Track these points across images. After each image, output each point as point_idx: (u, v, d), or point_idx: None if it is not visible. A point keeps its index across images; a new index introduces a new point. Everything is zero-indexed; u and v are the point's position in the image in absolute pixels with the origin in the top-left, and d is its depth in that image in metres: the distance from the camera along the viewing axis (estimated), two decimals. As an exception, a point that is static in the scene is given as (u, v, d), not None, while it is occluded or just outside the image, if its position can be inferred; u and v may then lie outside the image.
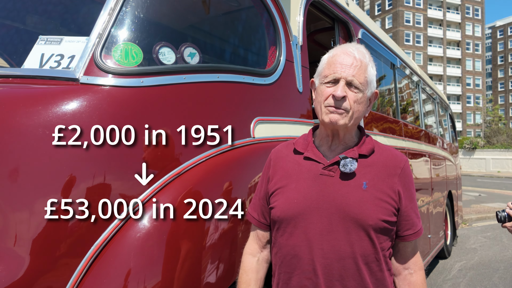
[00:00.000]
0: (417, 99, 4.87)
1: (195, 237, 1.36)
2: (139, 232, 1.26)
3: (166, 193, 1.36)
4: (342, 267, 1.11)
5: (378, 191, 1.15)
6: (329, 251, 1.12)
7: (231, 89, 1.71)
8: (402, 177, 1.20)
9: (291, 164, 1.24)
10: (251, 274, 1.28)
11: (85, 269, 1.20)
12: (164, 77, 1.45)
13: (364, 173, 1.17)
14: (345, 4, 2.76)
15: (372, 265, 1.14)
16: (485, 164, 26.06)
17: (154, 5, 1.64)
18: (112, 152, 1.28)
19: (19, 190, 1.17)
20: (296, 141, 1.29)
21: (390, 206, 1.15)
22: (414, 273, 1.23)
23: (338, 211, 1.13)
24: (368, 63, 1.18)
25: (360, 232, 1.12)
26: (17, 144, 1.18)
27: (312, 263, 1.13)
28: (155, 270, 1.24)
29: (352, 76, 1.14)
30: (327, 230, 1.13)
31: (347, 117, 1.15)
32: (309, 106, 2.24)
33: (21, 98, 1.26)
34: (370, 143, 1.23)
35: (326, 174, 1.17)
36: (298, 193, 1.17)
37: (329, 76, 1.16)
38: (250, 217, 1.34)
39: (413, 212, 1.21)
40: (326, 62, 1.20)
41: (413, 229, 1.21)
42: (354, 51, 1.17)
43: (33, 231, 1.16)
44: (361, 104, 1.17)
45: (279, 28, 2.05)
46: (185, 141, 1.47)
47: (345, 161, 1.15)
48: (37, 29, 1.82)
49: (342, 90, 1.13)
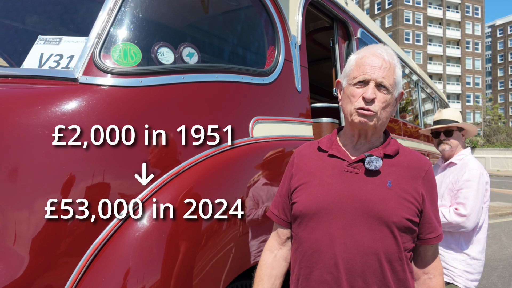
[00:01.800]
0: (417, 98, 4.87)
1: (194, 236, 1.37)
2: (138, 231, 1.27)
3: (165, 192, 1.37)
4: (365, 262, 1.11)
5: (402, 190, 1.15)
6: (352, 246, 1.12)
7: (229, 89, 1.71)
8: (426, 180, 1.20)
9: (315, 162, 1.25)
10: (265, 269, 1.28)
11: (84, 268, 1.21)
12: (163, 77, 1.45)
13: (389, 172, 1.17)
14: (344, 3, 2.77)
15: (395, 264, 1.13)
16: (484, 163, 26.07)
17: (153, 5, 1.65)
18: (111, 151, 1.29)
19: (18, 190, 1.17)
20: (320, 140, 1.30)
21: (413, 206, 1.14)
22: (433, 277, 1.22)
23: (361, 207, 1.13)
24: (396, 64, 1.19)
25: (384, 229, 1.11)
26: (16, 144, 1.19)
27: (334, 258, 1.13)
28: (154, 269, 1.25)
29: (382, 77, 1.15)
30: (350, 225, 1.13)
31: (376, 118, 1.16)
32: (308, 106, 2.25)
33: (20, 98, 1.26)
34: (395, 144, 1.24)
35: (350, 171, 1.18)
36: (322, 188, 1.18)
37: (358, 77, 1.17)
38: (271, 214, 1.35)
39: (434, 216, 1.21)
40: (355, 64, 1.20)
41: (435, 233, 1.20)
42: (383, 52, 1.18)
43: (32, 230, 1.16)
44: (389, 105, 1.18)
45: (277, 28, 2.05)
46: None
47: (371, 158, 1.16)
48: (36, 29, 1.83)
49: (372, 92, 1.14)
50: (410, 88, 4.65)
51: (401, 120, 3.81)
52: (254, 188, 1.67)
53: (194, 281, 1.34)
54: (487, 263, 5.25)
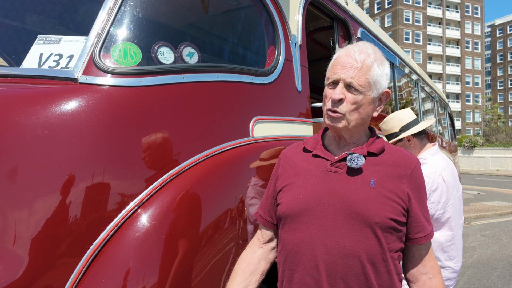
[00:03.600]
0: (416, 98, 4.87)
1: (194, 236, 1.37)
2: (138, 232, 1.27)
3: (165, 192, 1.36)
4: (346, 265, 1.09)
5: (386, 189, 1.12)
6: (332, 247, 1.09)
7: (230, 89, 1.71)
8: (412, 178, 1.16)
9: (300, 162, 1.24)
10: (240, 264, 1.28)
11: (84, 268, 1.20)
12: (163, 76, 1.45)
13: (373, 171, 1.15)
14: (344, 3, 2.76)
15: (378, 266, 1.10)
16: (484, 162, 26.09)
17: (153, 4, 1.64)
18: (111, 151, 1.28)
19: (18, 190, 1.17)
20: (306, 141, 1.29)
21: (398, 206, 1.12)
22: (433, 277, 1.19)
23: (343, 207, 1.11)
24: (372, 63, 1.14)
25: (366, 229, 1.09)
26: (15, 144, 1.18)
27: (315, 260, 1.11)
28: (154, 269, 1.25)
29: (351, 78, 1.12)
30: (332, 227, 1.10)
31: (345, 119, 1.13)
32: (308, 105, 2.24)
33: (19, 97, 1.26)
34: (380, 143, 1.21)
35: (333, 170, 1.16)
36: (304, 189, 1.17)
37: (330, 78, 1.16)
38: (257, 216, 1.34)
39: (422, 215, 1.17)
40: (331, 64, 1.19)
41: (424, 232, 1.17)
42: (356, 52, 1.14)
43: (32, 231, 1.16)
44: (362, 106, 1.14)
45: (278, 27, 2.05)
46: (184, 140, 1.47)
47: (352, 156, 1.13)
48: (36, 28, 1.82)
49: (339, 93, 1.12)
50: (409, 88, 4.65)
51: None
52: (254, 188, 1.67)
53: (194, 281, 1.34)
54: (487, 262, 5.26)
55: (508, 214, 9.31)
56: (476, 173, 23.43)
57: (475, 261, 5.35)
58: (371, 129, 1.26)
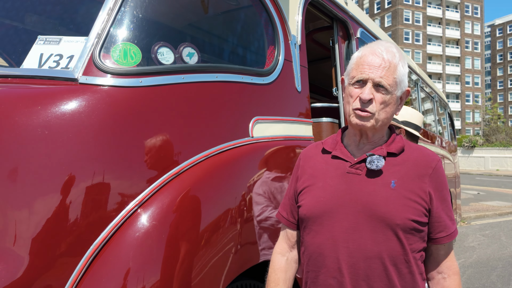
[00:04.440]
0: (416, 98, 4.87)
1: (193, 236, 1.37)
2: (138, 232, 1.27)
3: (165, 192, 1.36)
4: (368, 266, 1.08)
5: (407, 190, 1.11)
6: (354, 249, 1.09)
7: (229, 89, 1.71)
8: (434, 177, 1.14)
9: (319, 163, 1.23)
10: (279, 274, 1.28)
11: (85, 268, 1.21)
12: (162, 77, 1.45)
13: (393, 172, 1.14)
14: (343, 3, 2.77)
15: (401, 267, 1.09)
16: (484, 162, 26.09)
17: (153, 5, 1.65)
18: (111, 151, 1.29)
19: (18, 190, 1.17)
20: (325, 141, 1.28)
21: (419, 206, 1.10)
22: (448, 277, 1.17)
23: (364, 209, 1.10)
24: (398, 62, 1.14)
25: (387, 231, 1.08)
26: (16, 144, 1.19)
27: (338, 262, 1.11)
28: (154, 269, 1.25)
29: (380, 77, 1.11)
30: (353, 229, 1.10)
31: (374, 119, 1.13)
32: (307, 105, 2.25)
33: (20, 98, 1.26)
34: (400, 142, 1.20)
35: (353, 172, 1.16)
36: (324, 191, 1.16)
37: (356, 77, 1.14)
38: (280, 216, 1.34)
39: (445, 214, 1.15)
40: (355, 62, 1.17)
41: (446, 231, 1.15)
42: (383, 51, 1.14)
43: (32, 230, 1.16)
44: (389, 105, 1.14)
45: (277, 28, 2.05)
46: (184, 140, 1.47)
47: (372, 157, 1.13)
48: (36, 29, 1.82)
49: (368, 93, 1.11)
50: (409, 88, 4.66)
51: (400, 120, 3.81)
52: (254, 188, 1.67)
53: (194, 281, 1.34)
54: (487, 262, 5.26)
55: (507, 214, 9.32)
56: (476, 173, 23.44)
57: (475, 261, 5.35)
58: (390, 128, 1.25)
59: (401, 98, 1.20)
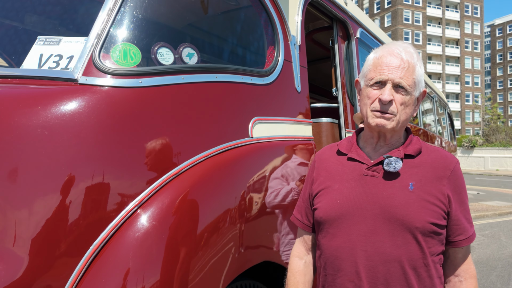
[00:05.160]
0: (416, 98, 4.87)
1: (193, 236, 1.37)
2: (138, 232, 1.27)
3: (164, 193, 1.37)
4: (387, 270, 1.06)
5: (425, 193, 1.09)
6: (373, 253, 1.08)
7: (229, 89, 1.71)
8: (452, 179, 1.13)
9: (335, 166, 1.22)
10: (298, 277, 1.27)
11: (84, 268, 1.21)
12: (162, 77, 1.45)
13: (411, 174, 1.12)
14: (343, 3, 2.77)
15: (420, 271, 1.07)
16: (483, 162, 26.10)
17: (153, 5, 1.65)
18: (111, 152, 1.29)
19: (18, 190, 1.17)
20: (340, 143, 1.27)
21: (438, 209, 1.09)
22: (464, 280, 1.16)
23: (382, 212, 1.08)
24: (416, 63, 1.13)
25: (406, 235, 1.06)
26: (15, 145, 1.19)
27: (355, 265, 1.09)
28: (154, 269, 1.25)
29: (400, 78, 1.10)
30: (371, 232, 1.09)
31: (395, 120, 1.11)
32: (307, 106, 2.25)
33: (19, 98, 1.26)
34: (417, 144, 1.18)
35: (370, 174, 1.14)
36: (341, 194, 1.15)
37: (375, 78, 1.12)
38: (295, 219, 1.33)
39: (463, 217, 1.14)
40: (372, 64, 1.15)
41: (465, 235, 1.13)
42: (402, 52, 1.12)
43: (32, 231, 1.16)
44: (409, 106, 1.13)
45: (277, 28, 2.05)
46: (184, 141, 1.47)
47: (389, 159, 1.11)
48: (36, 29, 1.82)
49: (389, 94, 1.09)
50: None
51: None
52: (254, 189, 1.67)
53: (193, 281, 1.34)
54: (486, 262, 5.26)
55: (507, 214, 9.32)
56: (476, 173, 23.44)
57: (474, 261, 5.35)
58: (407, 130, 1.24)
59: (418, 99, 1.18)
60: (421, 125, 4.83)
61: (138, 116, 1.36)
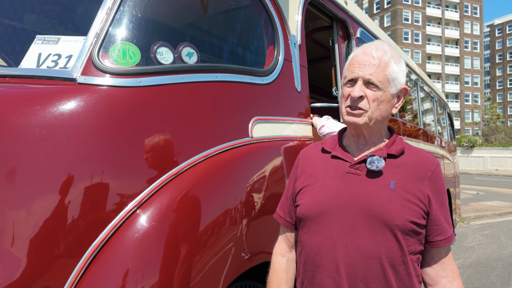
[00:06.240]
0: (416, 98, 4.87)
1: (193, 237, 1.36)
2: (137, 233, 1.26)
3: (164, 193, 1.36)
4: (367, 267, 1.08)
5: (406, 192, 1.11)
6: (353, 250, 1.09)
7: (229, 89, 1.70)
8: (433, 180, 1.15)
9: (319, 163, 1.23)
10: (281, 274, 1.27)
11: (83, 269, 1.20)
12: (162, 77, 1.45)
13: (393, 173, 1.14)
14: (343, 3, 2.76)
15: (399, 268, 1.09)
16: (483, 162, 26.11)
17: (152, 4, 1.64)
18: (110, 152, 1.28)
19: (16, 190, 1.17)
20: (325, 141, 1.29)
21: (418, 208, 1.11)
22: (453, 280, 1.17)
23: (363, 209, 1.10)
24: (390, 60, 1.14)
25: (386, 232, 1.08)
26: (14, 144, 1.18)
27: (335, 262, 1.11)
28: (153, 270, 1.24)
29: (370, 74, 1.12)
30: (352, 229, 1.10)
31: (366, 116, 1.13)
32: (307, 105, 2.24)
33: (18, 98, 1.25)
34: (400, 144, 1.20)
35: (352, 172, 1.16)
36: (324, 191, 1.16)
37: (348, 76, 1.16)
38: (277, 216, 1.34)
39: (443, 218, 1.15)
40: (347, 63, 1.19)
41: (444, 235, 1.15)
42: (373, 49, 1.15)
43: (31, 231, 1.15)
44: (383, 103, 1.14)
45: (277, 27, 2.05)
46: (184, 141, 1.47)
47: (372, 158, 1.13)
48: (35, 28, 1.82)
49: (358, 90, 1.12)
50: (408, 88, 4.65)
51: (400, 120, 3.81)
52: (254, 189, 1.67)
53: (193, 281, 1.34)
54: (486, 262, 5.26)
55: (507, 214, 9.32)
56: (475, 173, 23.46)
57: (474, 261, 5.35)
58: (390, 130, 1.25)
59: (398, 96, 1.20)
60: (421, 125, 4.83)
61: (138, 116, 1.35)
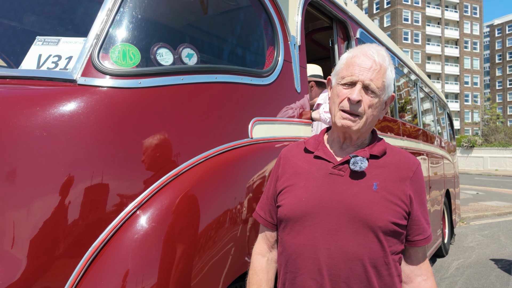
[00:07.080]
0: (415, 98, 4.87)
1: (192, 238, 1.37)
2: (137, 234, 1.26)
3: (164, 194, 1.36)
4: (349, 268, 1.08)
5: (389, 193, 1.12)
6: (336, 251, 1.09)
7: (229, 90, 1.71)
8: (414, 180, 1.16)
9: (301, 163, 1.22)
10: (261, 275, 1.27)
11: (83, 270, 1.20)
12: (162, 78, 1.45)
13: (375, 174, 1.14)
14: (343, 3, 2.76)
15: (381, 269, 1.10)
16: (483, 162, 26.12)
17: (152, 5, 1.64)
18: (110, 153, 1.28)
19: (17, 191, 1.17)
20: (307, 141, 1.28)
21: (400, 209, 1.11)
22: (427, 279, 1.19)
23: (347, 211, 1.10)
24: (388, 67, 1.15)
25: (369, 233, 1.08)
26: (14, 145, 1.18)
27: (318, 263, 1.10)
28: (153, 271, 1.25)
29: (370, 80, 1.11)
30: (335, 230, 1.10)
31: (361, 122, 1.13)
32: (307, 106, 2.24)
33: (18, 99, 1.26)
34: (382, 145, 1.21)
35: (336, 173, 1.15)
36: (306, 191, 1.15)
37: (346, 77, 1.14)
38: (257, 216, 1.33)
39: (423, 217, 1.17)
40: (345, 63, 1.17)
41: (424, 235, 1.17)
42: (375, 54, 1.14)
43: (31, 232, 1.15)
44: (376, 109, 1.15)
45: (277, 28, 2.05)
46: (183, 142, 1.47)
47: (355, 159, 1.13)
48: (35, 29, 1.82)
49: (358, 94, 1.11)
50: (408, 88, 4.65)
51: (400, 120, 3.81)
52: (254, 189, 1.67)
53: (193, 282, 1.34)
54: (486, 262, 5.26)
55: (506, 214, 9.33)
56: (475, 173, 23.46)
57: (474, 261, 5.35)
58: (372, 131, 1.26)
59: (386, 103, 1.20)
60: (421, 125, 4.83)
61: (138, 117, 1.35)
